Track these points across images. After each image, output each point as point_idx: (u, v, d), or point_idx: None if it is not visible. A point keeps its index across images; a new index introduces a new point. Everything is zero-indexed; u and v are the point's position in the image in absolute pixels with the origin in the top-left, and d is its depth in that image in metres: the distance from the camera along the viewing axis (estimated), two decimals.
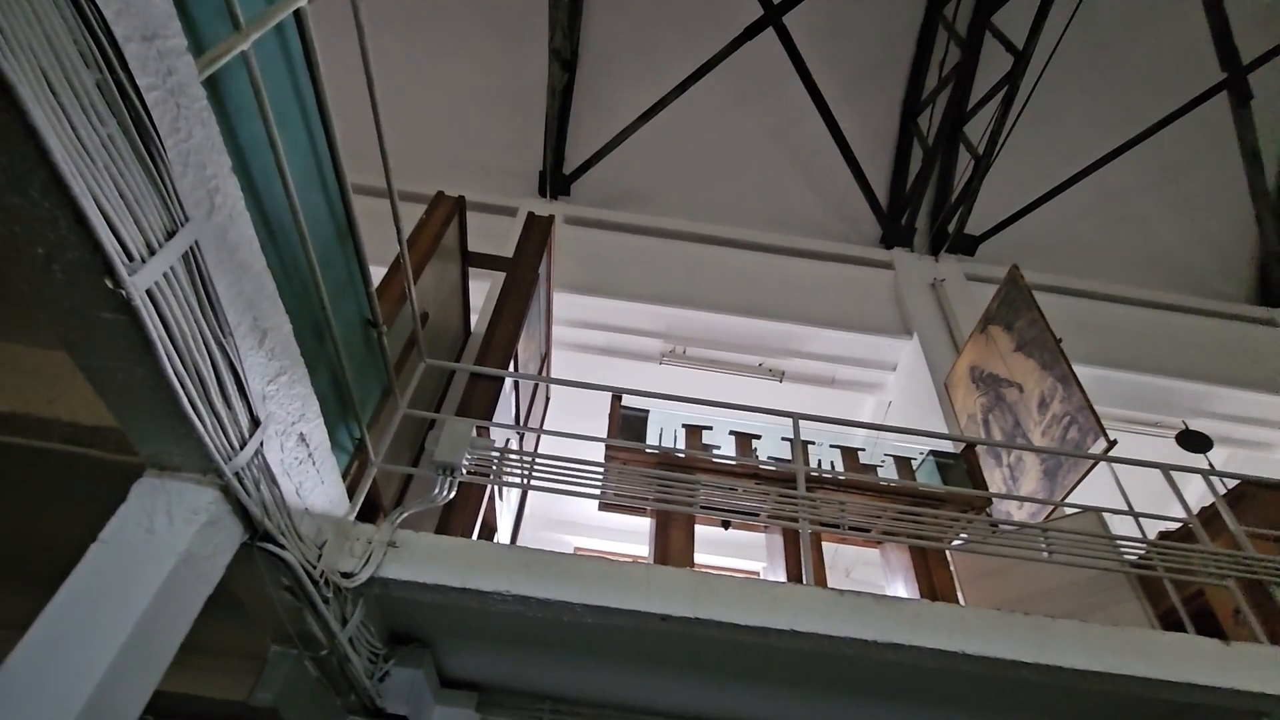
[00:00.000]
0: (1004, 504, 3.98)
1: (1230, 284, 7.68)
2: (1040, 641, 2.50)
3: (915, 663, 2.39)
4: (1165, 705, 2.58)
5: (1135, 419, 6.74)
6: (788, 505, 2.83)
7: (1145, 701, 2.55)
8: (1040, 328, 4.25)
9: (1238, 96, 6.66)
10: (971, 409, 4.79)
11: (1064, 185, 7.01)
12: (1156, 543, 3.12)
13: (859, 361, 6.64)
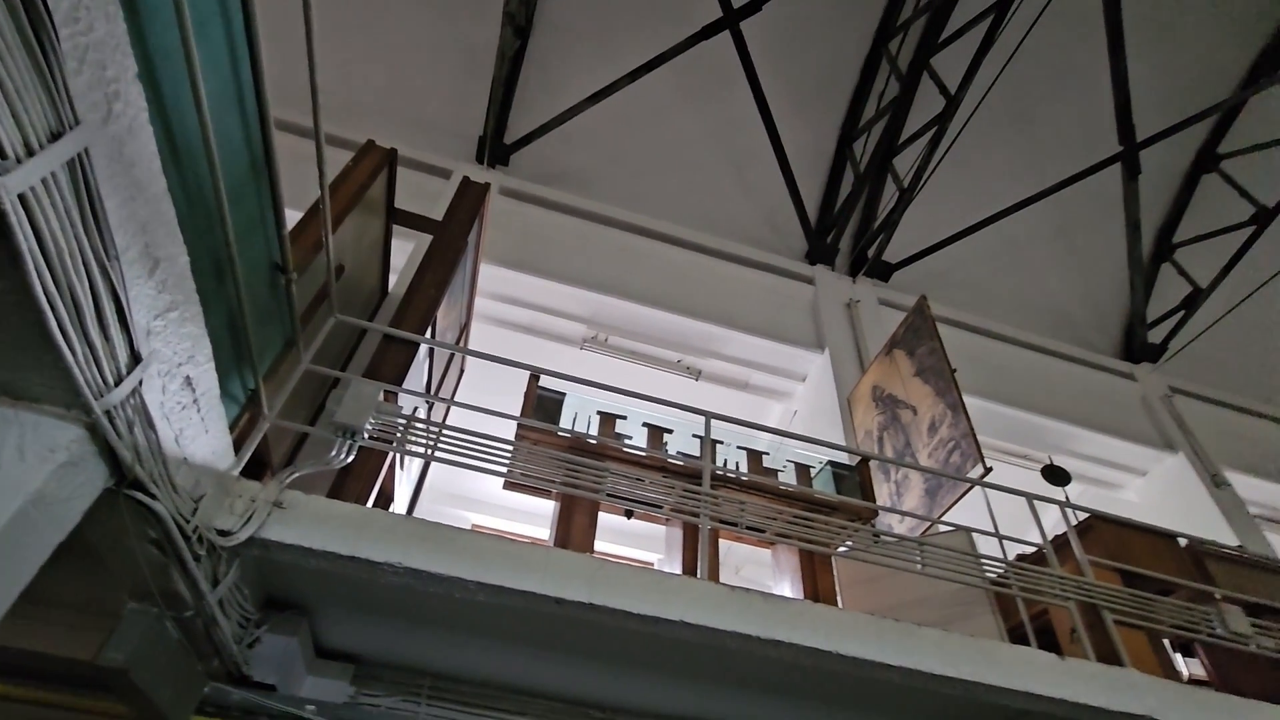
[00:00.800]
0: (888, 517, 4.25)
1: (1101, 338, 8.51)
2: (906, 646, 2.68)
3: (793, 660, 2.50)
4: (1004, 710, 2.83)
5: (1008, 450, 7.36)
6: (691, 500, 2.89)
7: (989, 706, 2.79)
8: (939, 357, 4.54)
9: (1129, 170, 7.37)
10: (869, 425, 5.07)
11: (974, 227, 7.51)
12: (1014, 564, 3.42)
13: (772, 369, 6.87)
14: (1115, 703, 2.82)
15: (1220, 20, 7.68)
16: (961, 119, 6.96)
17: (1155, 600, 3.54)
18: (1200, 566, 4.18)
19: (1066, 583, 3.39)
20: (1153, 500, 7.44)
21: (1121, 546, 4.00)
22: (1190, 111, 7.23)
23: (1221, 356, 8.54)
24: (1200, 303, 7.94)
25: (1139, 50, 7.10)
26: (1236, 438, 7.94)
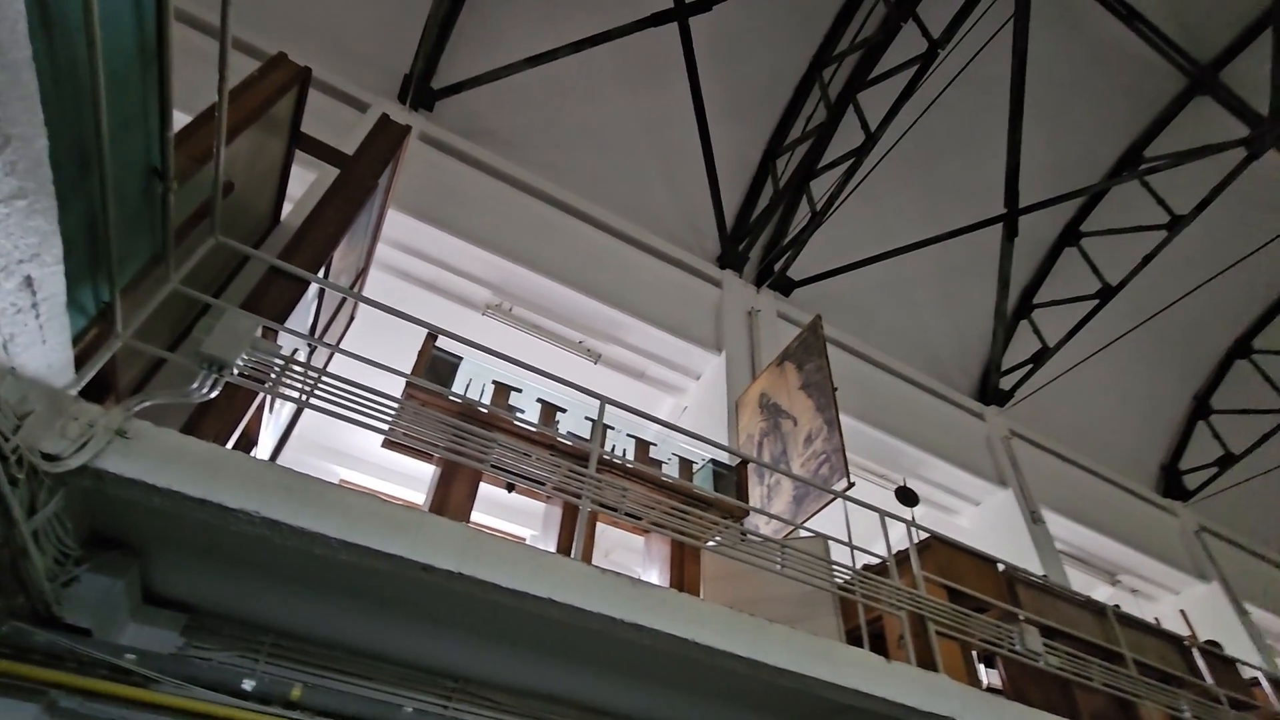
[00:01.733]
0: (756, 517, 4.48)
1: (962, 378, 9.38)
2: (756, 640, 2.85)
3: (653, 645, 2.58)
4: (833, 704, 3.07)
5: (869, 468, 7.97)
6: (576, 481, 2.90)
7: (821, 700, 3.02)
8: (824, 374, 4.83)
9: (1008, 231, 8.15)
10: (752, 430, 5.31)
11: (871, 259, 8.02)
12: (860, 573, 3.72)
13: (670, 363, 7.01)
14: (927, 704, 3.14)
15: (1102, 112, 8.64)
16: (877, 155, 7.41)
17: (972, 616, 3.97)
18: (1011, 590, 4.74)
19: (902, 594, 3.73)
20: (982, 527, 8.33)
21: (951, 566, 4.45)
22: (1066, 189, 8.09)
23: (1056, 409, 9.68)
24: (1046, 359, 8.95)
25: (1034, 126, 7.85)
26: (1056, 482, 9.05)
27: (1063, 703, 4.29)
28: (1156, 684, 4.64)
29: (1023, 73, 7.01)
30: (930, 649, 3.65)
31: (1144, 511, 9.99)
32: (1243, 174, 7.42)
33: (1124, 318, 8.95)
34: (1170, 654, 5.37)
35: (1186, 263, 8.80)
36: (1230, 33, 8.02)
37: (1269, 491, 10.95)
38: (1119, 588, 9.67)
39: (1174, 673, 5.02)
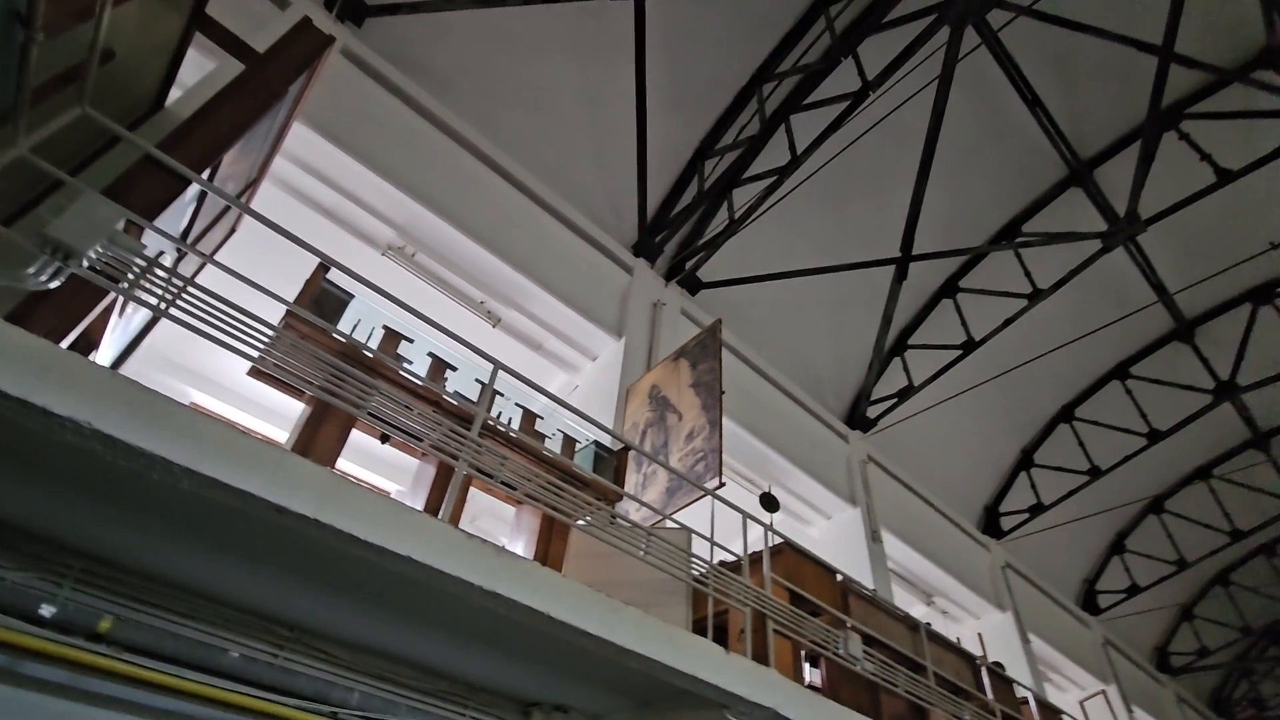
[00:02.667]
0: (629, 503, 4.57)
1: (835, 401, 10.04)
2: (609, 620, 2.92)
3: (508, 614, 2.58)
4: (672, 688, 3.22)
5: (740, 471, 8.36)
6: (455, 441, 2.82)
7: (661, 683, 3.14)
8: (715, 376, 5.00)
9: (899, 274, 8.77)
10: (638, 418, 5.40)
11: (776, 275, 8.37)
12: (716, 568, 3.91)
13: (569, 340, 6.98)
14: (754, 694, 3.36)
15: (995, 182, 9.50)
16: (798, 178, 7.73)
17: (807, 619, 4.29)
18: (845, 599, 5.15)
19: (750, 592, 3.96)
20: (828, 539, 8.99)
21: (797, 571, 4.77)
22: (954, 245, 8.84)
23: (909, 442, 10.60)
24: (909, 396, 9.76)
25: (937, 181, 8.47)
26: (897, 507, 9.93)
27: (870, 704, 4.73)
28: (948, 695, 5.24)
29: (937, 131, 7.55)
30: (766, 645, 3.91)
31: (964, 544, 11.20)
32: (1095, 264, 8.45)
33: (979, 370, 9.93)
34: (964, 670, 6.07)
35: (1037, 331, 9.90)
36: (1109, 137, 9.06)
37: (1064, 542, 12.63)
38: (933, 607, 10.79)
39: (964, 686, 5.69)
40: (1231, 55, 7.90)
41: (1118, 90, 8.36)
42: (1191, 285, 9.62)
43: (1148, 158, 7.69)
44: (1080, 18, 6.76)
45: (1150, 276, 9.42)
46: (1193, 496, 13.13)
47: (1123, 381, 11.41)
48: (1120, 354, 11.36)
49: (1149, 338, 11.17)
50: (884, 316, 9.16)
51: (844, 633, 4.55)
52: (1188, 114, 8.30)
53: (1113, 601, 13.63)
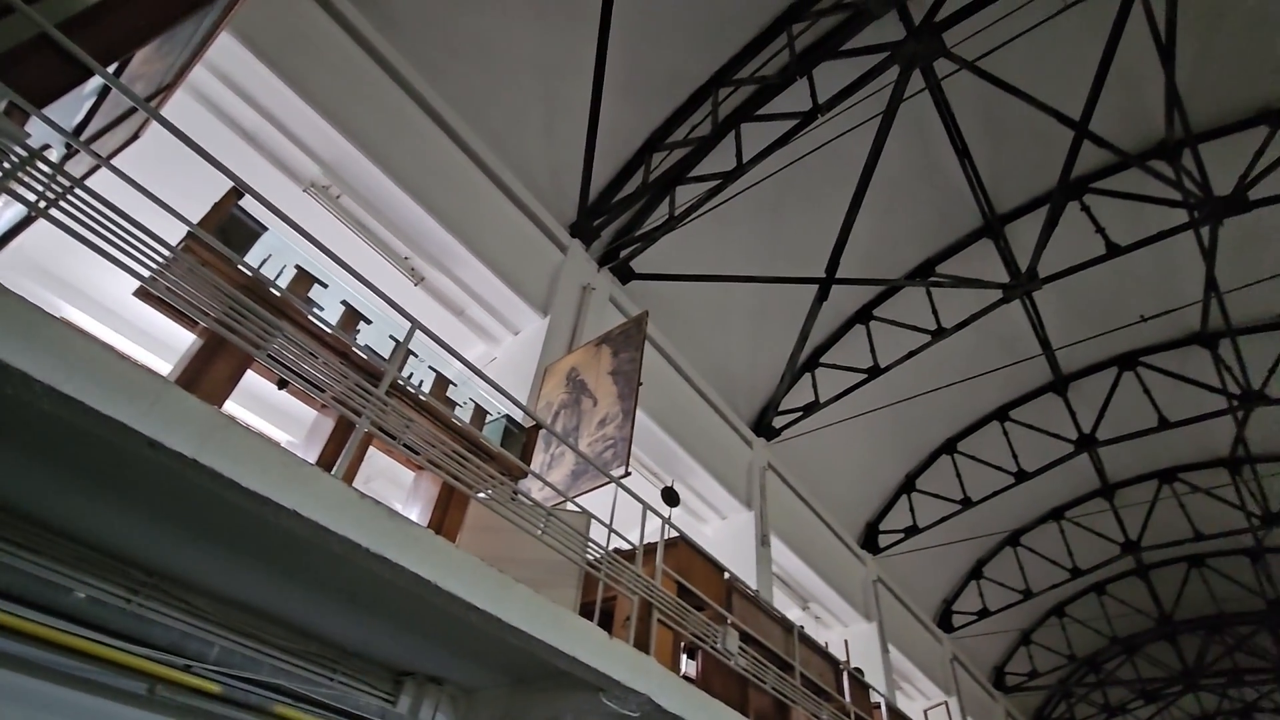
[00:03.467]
0: (533, 482, 4.53)
1: (745, 407, 10.35)
2: (497, 595, 2.89)
3: (393, 580, 2.50)
4: (551, 668, 3.22)
5: (646, 463, 8.47)
6: (360, 397, 2.70)
7: (541, 662, 3.14)
8: (635, 367, 5.03)
9: (821, 294, 9.14)
10: (553, 398, 5.36)
11: (707, 277, 8.50)
12: (611, 554, 3.95)
13: (493, 310, 6.81)
14: (632, 680, 3.42)
15: (918, 220, 10.04)
16: (741, 185, 7.88)
17: (691, 612, 4.41)
18: (729, 596, 5.34)
19: (641, 581, 4.02)
20: (721, 538, 9.28)
21: (688, 565, 4.89)
22: (874, 274, 9.29)
23: (807, 455, 11.09)
24: (813, 411, 10.21)
25: (867, 211, 8.85)
26: (788, 515, 10.37)
27: (739, 698, 4.92)
28: (811, 695, 5.54)
29: (874, 164, 7.90)
30: (649, 634, 3.99)
31: (843, 556, 11.85)
32: (994, 312, 9.14)
33: (879, 396, 10.51)
34: (827, 673, 6.43)
35: (935, 366, 10.58)
36: (1023, 197, 9.77)
37: (931, 563, 13.62)
38: (807, 612, 11.37)
39: (825, 688, 6.03)
40: (1135, 141, 8.71)
41: (1037, 155, 9.03)
42: (1071, 344, 10.58)
43: (1052, 222, 8.38)
44: (1016, 81, 7.23)
45: (1038, 331, 10.26)
46: (1045, 534, 14.47)
47: (1002, 423, 12.39)
48: (1003, 398, 12.33)
49: (1029, 386, 12.18)
50: (801, 333, 9.51)
51: (724, 628, 4.71)
52: (1092, 188, 9.08)
53: (965, 622, 14.84)
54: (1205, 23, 7.67)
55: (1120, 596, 16.18)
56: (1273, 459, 12.38)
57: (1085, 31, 7.35)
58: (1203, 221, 7.82)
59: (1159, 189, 8.37)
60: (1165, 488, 13.52)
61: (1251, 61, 8.06)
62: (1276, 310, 10.37)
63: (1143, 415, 11.18)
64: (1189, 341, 10.92)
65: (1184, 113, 7.68)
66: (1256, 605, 15.55)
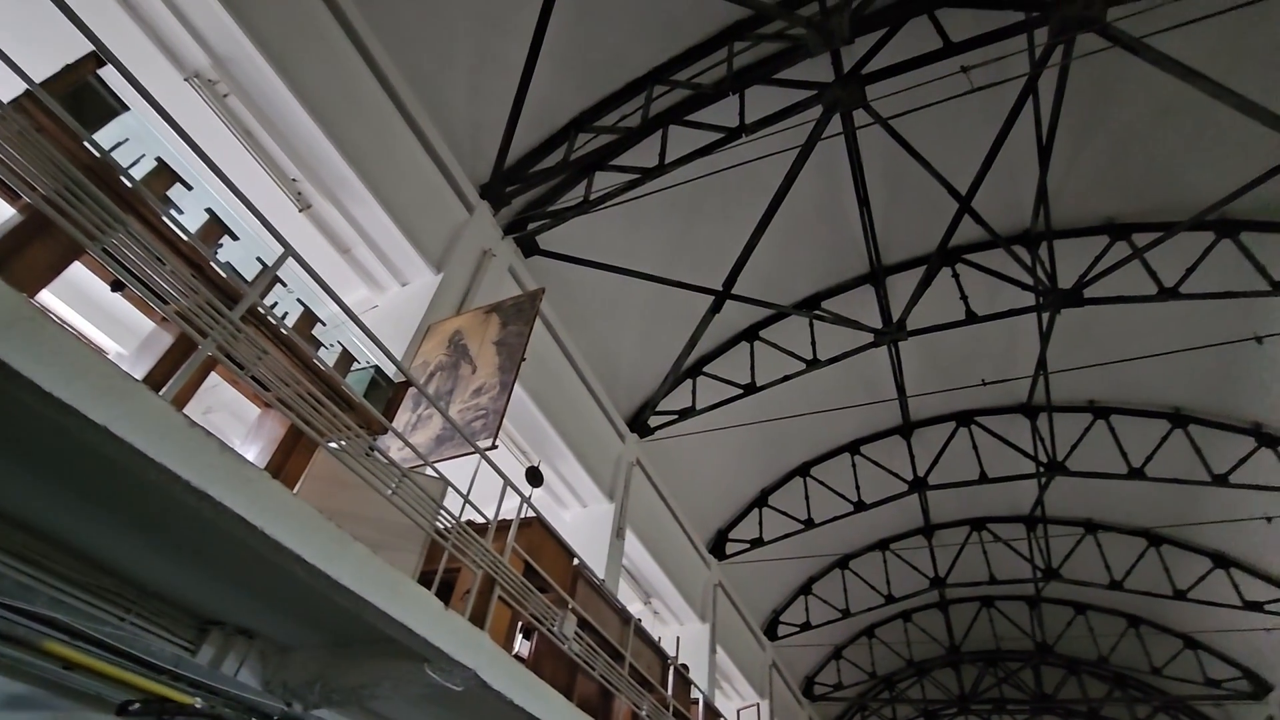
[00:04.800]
0: (393, 441, 4.32)
1: (625, 402, 10.49)
2: (330, 551, 2.72)
3: (214, 520, 2.29)
4: (379, 633, 3.09)
5: (516, 439, 8.35)
6: (210, 316, 2.45)
7: (369, 626, 3.01)
8: (521, 342, 4.95)
9: (715, 306, 9.43)
10: (430, 358, 5.14)
11: (610, 268, 8.51)
12: (462, 525, 3.85)
13: (383, 255, 6.43)
14: (459, 653, 3.36)
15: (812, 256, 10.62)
16: (659, 185, 7.96)
17: (534, 593, 4.40)
18: (575, 582, 5.38)
19: (488, 556, 3.96)
20: (579, 524, 9.34)
21: (539, 546, 4.88)
22: (768, 297, 9.71)
23: (674, 458, 11.42)
24: (688, 416, 10.53)
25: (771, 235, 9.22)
26: (646, 511, 10.63)
27: (566, 682, 4.98)
28: (636, 685, 5.71)
29: (785, 194, 8.25)
30: (487, 609, 3.93)
31: (691, 558, 12.33)
32: (863, 354, 9.87)
33: (750, 412, 11.03)
34: (655, 666, 6.66)
35: (805, 393, 11.26)
36: (906, 253, 10.60)
37: (767, 575, 14.49)
38: (648, 607, 11.71)
39: (651, 680, 6.24)
40: (1006, 225, 9.69)
41: (925, 218, 9.83)
42: (922, 394, 11.64)
43: (926, 282, 9.18)
44: (921, 147, 7.84)
45: (897, 377, 11.20)
46: (870, 561, 15.84)
47: (852, 455, 13.41)
48: (857, 432, 13.35)
49: (881, 426, 13.27)
50: (690, 339, 9.77)
51: (564, 613, 4.74)
52: (964, 258, 10.04)
53: (788, 632, 15.93)
54: (1079, 135, 8.71)
55: (922, 625, 18.03)
56: (1060, 522, 14.31)
57: (986, 117, 8.10)
58: (1045, 308, 8.88)
59: (1017, 272, 9.39)
60: (975, 534, 15.23)
61: (1108, 178, 9.26)
62: (1086, 396, 11.98)
63: (968, 468, 12.52)
64: (1016, 410, 12.37)
65: (1048, 210, 8.68)
66: (1026, 645, 17.90)
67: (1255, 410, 10.79)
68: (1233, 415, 11.05)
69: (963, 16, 7.15)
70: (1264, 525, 11.27)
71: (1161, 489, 11.72)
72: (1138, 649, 16.10)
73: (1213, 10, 6.49)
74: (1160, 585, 13.57)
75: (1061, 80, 7.09)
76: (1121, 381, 11.36)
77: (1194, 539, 13.39)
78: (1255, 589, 12.91)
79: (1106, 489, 12.49)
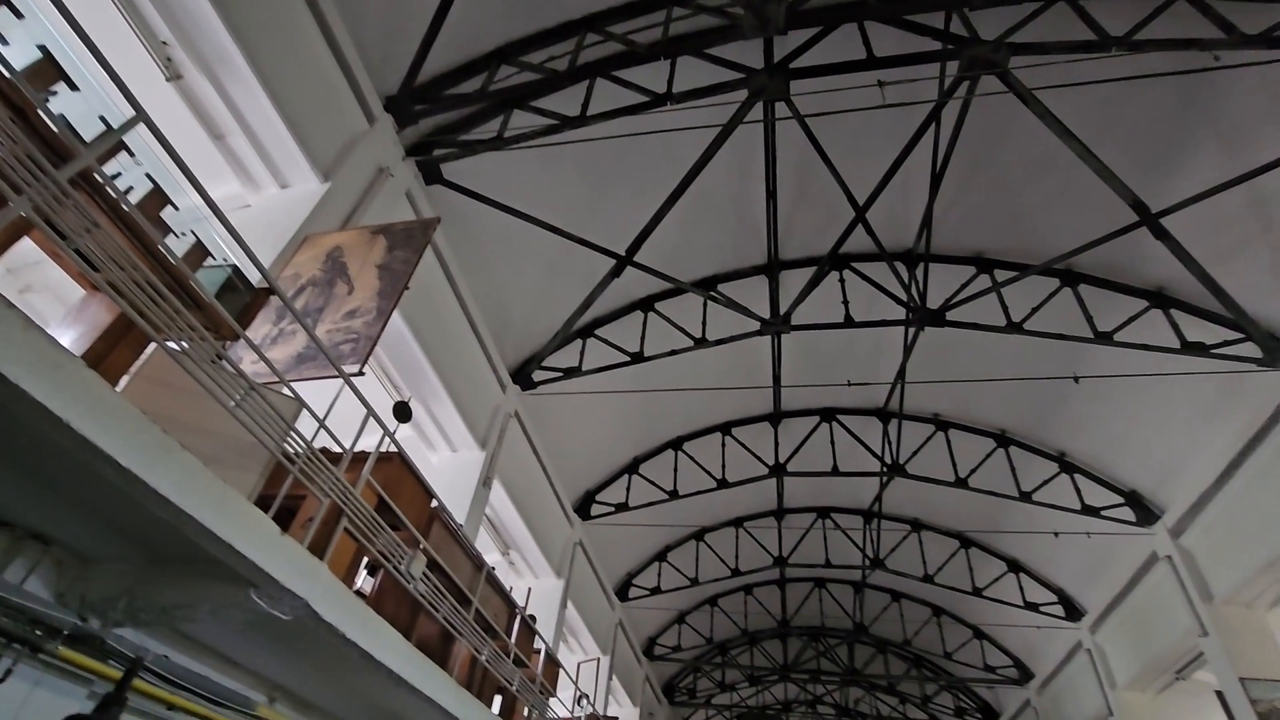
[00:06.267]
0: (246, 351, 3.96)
1: (511, 353, 10.32)
2: (153, 457, 2.48)
3: (9, 405, 2.00)
4: (200, 551, 2.87)
5: (389, 370, 7.98)
6: (29, 170, 2.10)
7: (190, 543, 2.78)
8: (407, 270, 4.68)
9: (615, 270, 9.40)
10: (302, 270, 4.75)
11: (516, 212, 8.23)
12: (315, 451, 3.64)
13: (265, 152, 5.81)
14: (290, 581, 3.19)
15: (716, 238, 10.85)
16: (579, 135, 7.76)
17: (385, 529, 4.26)
18: (430, 523, 5.27)
19: (339, 486, 3.77)
20: (445, 467, 9.13)
21: (397, 483, 4.72)
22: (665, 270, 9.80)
23: (554, 415, 11.42)
24: (573, 376, 10.53)
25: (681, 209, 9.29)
26: (517, 464, 10.58)
27: (406, 622, 4.89)
28: (479, 631, 5.72)
29: (699, 170, 8.32)
30: (329, 540, 3.76)
31: (556, 515, 12.46)
32: (748, 340, 10.30)
33: (634, 380, 11.21)
34: (503, 614, 6.70)
35: (689, 370, 11.59)
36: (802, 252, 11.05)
37: (627, 539, 14.95)
38: (506, 558, 11.73)
39: (496, 627, 6.28)
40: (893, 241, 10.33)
41: (823, 221, 10.29)
42: (795, 386, 12.35)
43: (814, 282, 9.66)
44: (831, 151, 8.16)
45: (775, 367, 11.79)
46: (724, 536, 16.75)
47: (724, 435, 14.02)
48: (732, 415, 13.96)
49: (753, 412, 13.96)
50: (586, 300, 9.72)
51: (414, 553, 4.63)
52: (851, 265, 10.66)
53: (639, 595, 16.58)
54: (967, 170, 9.44)
55: (760, 598, 19.38)
56: (892, 519, 15.81)
57: (891, 138, 8.55)
58: (912, 323, 9.64)
59: (894, 286, 10.11)
60: (819, 521, 16.50)
61: (983, 215, 10.12)
62: (932, 409, 13.22)
63: (823, 460, 13.48)
64: (872, 413, 13.43)
65: (930, 234, 9.38)
66: (846, 625, 19.78)
67: (1063, 441, 12.40)
68: (1045, 442, 12.63)
69: (888, 34, 7.47)
70: (1052, 539, 13.05)
71: (978, 498, 13.22)
72: (936, 635, 18.26)
73: (1099, 79, 7.21)
74: (963, 582, 15.40)
75: (962, 114, 7.62)
76: (963, 400, 12.64)
77: (996, 545, 15.29)
78: (1036, 593, 14.99)
79: (934, 493, 13.91)
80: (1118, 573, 12.74)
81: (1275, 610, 10.54)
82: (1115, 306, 9.50)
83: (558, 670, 8.34)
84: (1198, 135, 8.08)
